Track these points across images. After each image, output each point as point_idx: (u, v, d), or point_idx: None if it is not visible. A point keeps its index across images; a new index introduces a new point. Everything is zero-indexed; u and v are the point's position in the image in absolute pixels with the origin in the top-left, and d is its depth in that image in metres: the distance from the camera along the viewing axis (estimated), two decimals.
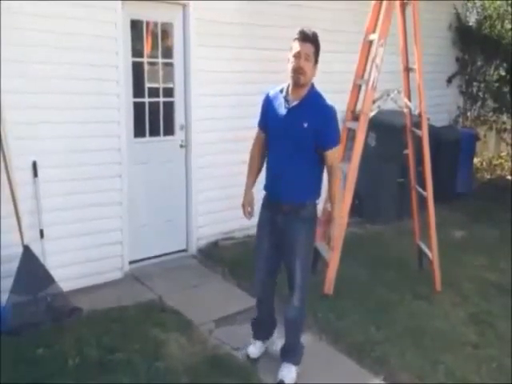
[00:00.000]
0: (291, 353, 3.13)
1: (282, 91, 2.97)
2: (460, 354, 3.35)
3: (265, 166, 3.14)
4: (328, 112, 2.88)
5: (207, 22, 4.75)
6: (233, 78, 5.00)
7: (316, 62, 2.87)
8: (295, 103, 2.89)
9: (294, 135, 2.87)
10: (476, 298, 4.12)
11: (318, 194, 3.02)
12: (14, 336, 3.32)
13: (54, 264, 3.86)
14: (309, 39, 2.81)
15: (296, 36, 2.83)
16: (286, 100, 2.92)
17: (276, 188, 2.97)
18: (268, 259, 3.11)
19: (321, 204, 4.36)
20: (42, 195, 3.88)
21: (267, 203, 3.06)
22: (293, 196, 2.92)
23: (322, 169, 2.98)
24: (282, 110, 2.92)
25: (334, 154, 2.92)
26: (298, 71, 2.81)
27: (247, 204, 3.16)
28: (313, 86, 2.94)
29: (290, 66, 2.86)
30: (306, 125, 2.83)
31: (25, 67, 3.75)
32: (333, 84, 5.47)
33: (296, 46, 2.82)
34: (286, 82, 2.98)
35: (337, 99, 5.15)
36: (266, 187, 3.06)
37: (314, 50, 2.83)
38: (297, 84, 2.86)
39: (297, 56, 2.81)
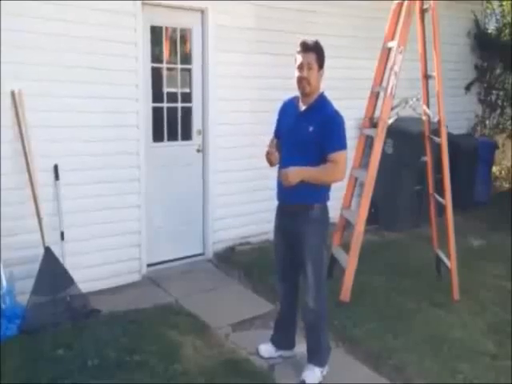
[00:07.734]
0: (313, 354, 3.18)
1: (295, 99, 3.09)
2: (478, 364, 3.31)
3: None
4: (334, 118, 2.94)
5: (226, 28, 4.80)
6: (250, 83, 5.03)
7: (320, 67, 2.94)
8: (303, 109, 3.01)
9: (299, 139, 2.97)
10: (494, 308, 4.06)
11: (323, 196, 3.05)
12: (34, 335, 3.37)
13: (73, 265, 3.90)
14: (309, 48, 2.91)
15: (298, 49, 2.94)
16: (297, 107, 3.04)
17: (282, 190, 3.05)
18: (284, 263, 3.20)
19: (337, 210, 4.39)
20: (62, 197, 3.94)
21: (278, 208, 3.18)
22: (296, 197, 2.98)
23: None
24: (293, 116, 3.05)
25: (338, 156, 2.89)
26: (302, 81, 2.93)
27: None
28: (322, 94, 3.02)
29: (295, 78, 2.97)
30: (311, 129, 2.91)
31: (46, 71, 3.82)
32: (349, 90, 5.55)
33: (299, 58, 2.94)
34: None
35: (351, 105, 5.23)
36: (276, 191, 3.12)
37: (315, 57, 2.91)
38: (303, 93, 2.98)
39: (300, 67, 2.92)
